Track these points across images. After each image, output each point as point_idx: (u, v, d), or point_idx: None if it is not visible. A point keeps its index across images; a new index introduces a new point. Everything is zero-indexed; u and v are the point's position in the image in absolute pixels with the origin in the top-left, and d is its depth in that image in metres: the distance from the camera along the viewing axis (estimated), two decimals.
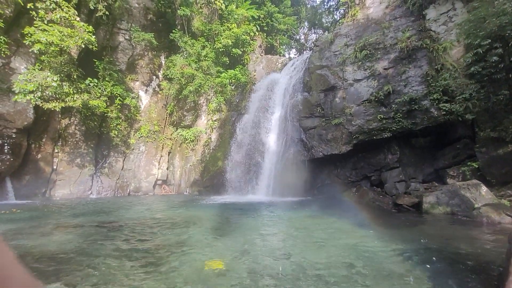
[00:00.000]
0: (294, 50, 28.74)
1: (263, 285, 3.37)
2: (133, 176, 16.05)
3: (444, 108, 9.94)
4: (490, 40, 8.54)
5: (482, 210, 7.08)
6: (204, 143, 16.62)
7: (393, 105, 10.96)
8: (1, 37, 10.63)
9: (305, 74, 13.84)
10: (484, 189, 7.62)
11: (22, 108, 11.63)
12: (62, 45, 11.06)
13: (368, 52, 11.71)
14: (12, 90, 10.93)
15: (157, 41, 16.61)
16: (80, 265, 4.09)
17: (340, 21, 17.45)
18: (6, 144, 11.46)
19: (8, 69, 11.40)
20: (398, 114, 10.85)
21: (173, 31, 16.97)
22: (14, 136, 11.64)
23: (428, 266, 3.97)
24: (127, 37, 16.14)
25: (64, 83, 11.85)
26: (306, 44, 29.12)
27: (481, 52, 9.14)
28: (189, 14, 16.28)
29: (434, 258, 4.29)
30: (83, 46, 12.06)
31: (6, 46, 10.90)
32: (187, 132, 16.65)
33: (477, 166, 9.23)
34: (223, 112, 16.74)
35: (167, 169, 17.37)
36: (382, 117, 11.20)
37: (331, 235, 5.74)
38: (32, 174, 12.94)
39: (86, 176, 14.38)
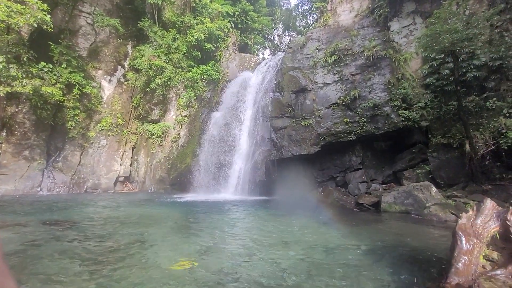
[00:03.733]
0: (268, 50, 28.99)
1: (227, 285, 3.27)
2: (92, 172, 14.85)
3: (403, 114, 10.71)
4: (443, 55, 9.39)
5: (432, 209, 7.73)
6: (172, 139, 15.98)
7: (359, 110, 11.53)
8: None
9: (278, 75, 14.00)
10: (434, 190, 8.34)
11: None
12: (9, 22, 9.79)
13: (337, 57, 12.19)
14: None
15: (123, 29, 15.56)
16: (21, 268, 3.62)
17: (312, 25, 17.99)
18: None
19: None
20: (363, 118, 11.45)
21: (142, 19, 16.04)
22: None
23: (382, 259, 4.21)
24: (89, 21, 14.89)
25: (11, 65, 10.52)
26: (279, 45, 29.53)
27: (435, 65, 10.01)
28: (160, 3, 15.51)
29: (387, 252, 4.57)
30: (36, 26, 10.80)
31: None
32: (154, 127, 15.88)
33: (429, 169, 10.08)
34: (193, 108, 16.25)
35: (131, 165, 16.38)
36: (348, 120, 11.73)
37: (296, 233, 5.84)
38: None
39: (35, 171, 12.95)
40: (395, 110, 10.93)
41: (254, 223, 7.03)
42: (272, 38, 28.46)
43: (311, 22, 22.48)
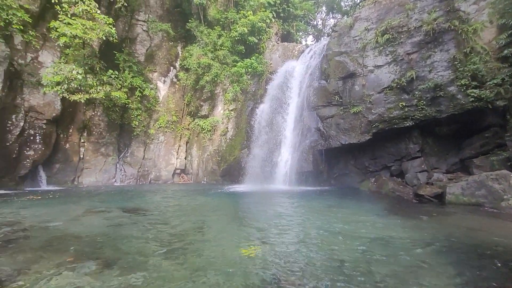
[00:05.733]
0: (311, 36, 27.93)
1: (288, 274, 3.46)
2: (154, 165, 16.64)
3: (472, 94, 9.37)
4: None
5: (511, 202, 6.74)
6: (220, 133, 16.82)
7: (416, 92, 10.49)
8: (30, 31, 11.14)
9: (323, 61, 13.48)
10: None
11: (51, 100, 12.27)
12: (85, 38, 11.45)
13: (390, 36, 11.17)
14: (41, 83, 11.53)
15: (173, 32, 16.74)
16: (109, 246, 4.39)
17: (360, 4, 16.68)
18: (37, 135, 12.22)
19: (36, 63, 11.99)
20: (422, 101, 10.39)
21: (189, 20, 16.98)
22: (44, 126, 12.37)
23: (450, 255, 3.90)
24: (144, 28, 16.38)
25: (88, 76, 12.33)
26: (323, 30, 28.16)
27: None
28: (204, 2, 16.17)
29: (456, 248, 4.20)
30: (104, 39, 12.38)
31: (35, 39, 11.44)
32: (204, 122, 16.90)
33: (507, 156, 8.72)
34: (239, 102, 16.77)
35: (185, 158, 17.83)
36: (404, 104, 10.78)
37: (351, 225, 5.72)
38: (62, 163, 13.77)
39: (110, 165, 15.10)
40: (462, 90, 9.62)
41: (306, 214, 7.10)
42: (315, 22, 27.27)
43: (358, 1, 20.84)
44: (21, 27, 10.45)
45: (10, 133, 11.26)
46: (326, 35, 26.32)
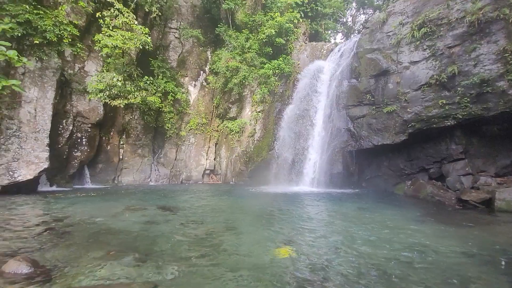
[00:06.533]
0: (340, 34, 27.10)
1: (322, 280, 3.40)
2: (185, 166, 17.35)
3: None
4: None
5: None
6: (248, 134, 17.02)
7: (459, 89, 9.68)
8: (78, 44, 12.33)
9: (353, 60, 13.02)
10: None
11: (95, 105, 13.42)
12: (124, 48, 12.37)
13: (428, 29, 10.44)
14: (87, 90, 12.68)
15: (203, 37, 17.34)
16: (146, 243, 4.69)
17: None
18: (84, 137, 13.44)
19: (83, 72, 13.21)
20: (465, 98, 9.56)
21: (218, 25, 17.46)
22: (89, 130, 13.57)
23: (502, 268, 3.53)
24: (177, 36, 17.20)
25: (126, 82, 13.28)
26: (354, 26, 27.18)
27: None
28: (233, 7, 16.53)
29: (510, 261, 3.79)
30: (141, 47, 13.25)
31: (82, 51, 12.64)
32: (232, 124, 17.23)
33: None
34: (267, 103, 16.83)
35: (214, 159, 18.32)
36: (444, 102, 10.01)
37: (386, 230, 5.44)
38: (104, 163, 14.97)
39: (145, 165, 16.06)
40: None
41: (336, 217, 6.91)
42: (344, 20, 26.42)
43: None
44: (70, 40, 11.59)
45: (61, 136, 12.52)
46: (356, 32, 25.37)
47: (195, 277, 3.35)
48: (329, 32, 23.02)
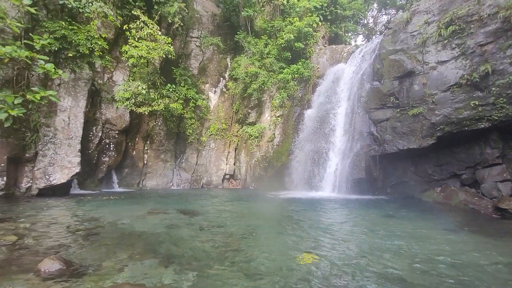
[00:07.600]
0: (361, 36, 26.49)
1: (342, 285, 3.30)
2: (205, 171, 17.66)
3: None
4: None
5: None
6: (268, 139, 17.01)
7: (493, 88, 9.05)
8: (107, 56, 13.12)
9: (375, 61, 12.65)
10: None
11: (121, 113, 14.14)
12: (148, 58, 12.98)
13: (457, 27, 9.92)
14: (114, 98, 13.41)
15: (223, 44, 17.73)
16: (169, 246, 4.80)
17: None
18: (111, 143, 14.17)
19: (111, 82, 14.01)
20: (501, 99, 8.91)
21: (238, 32, 17.79)
22: (116, 136, 14.29)
23: None
24: (198, 44, 17.74)
25: (150, 90, 13.88)
26: (375, 28, 26.46)
27: None
28: (252, 14, 16.79)
29: None
30: (164, 56, 13.83)
31: (111, 63, 13.43)
32: (252, 129, 17.33)
33: None
34: (286, 108, 16.77)
35: (234, 164, 18.48)
36: (477, 103, 9.39)
37: (416, 240, 5.13)
38: (130, 168, 15.64)
39: (168, 170, 16.56)
40: None
41: (360, 224, 6.65)
42: (365, 21, 25.81)
43: None
44: (100, 53, 12.37)
45: (92, 142, 13.28)
46: (378, 33, 24.67)
47: (215, 282, 3.36)
48: (349, 34, 22.59)
